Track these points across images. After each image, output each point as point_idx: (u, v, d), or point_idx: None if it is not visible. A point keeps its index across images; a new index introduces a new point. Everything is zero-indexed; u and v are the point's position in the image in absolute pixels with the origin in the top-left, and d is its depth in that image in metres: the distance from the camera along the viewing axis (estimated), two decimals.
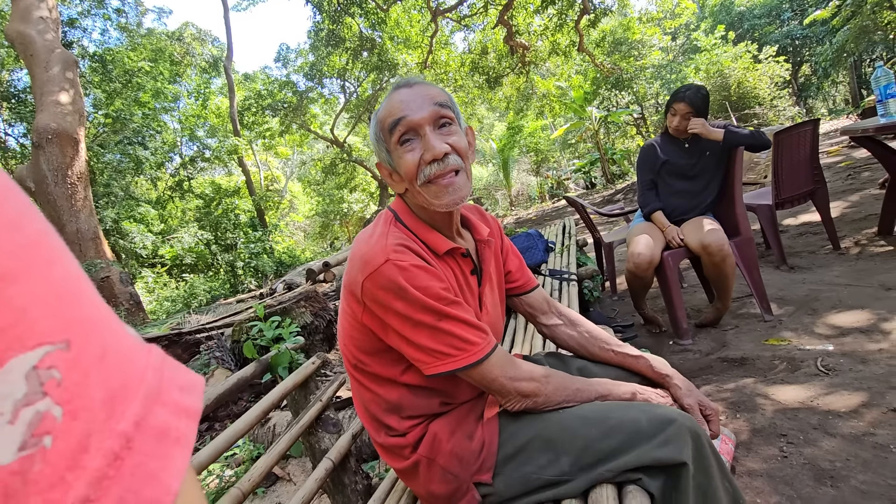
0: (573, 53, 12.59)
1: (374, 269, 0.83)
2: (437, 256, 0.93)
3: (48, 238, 0.16)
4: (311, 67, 14.53)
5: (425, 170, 0.88)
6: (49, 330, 0.14)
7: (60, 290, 0.15)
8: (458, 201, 0.89)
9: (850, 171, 5.46)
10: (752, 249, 2.54)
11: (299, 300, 3.64)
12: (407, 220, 0.95)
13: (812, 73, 17.78)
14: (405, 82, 0.92)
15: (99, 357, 0.15)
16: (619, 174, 14.72)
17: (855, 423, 1.58)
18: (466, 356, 0.84)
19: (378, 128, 0.93)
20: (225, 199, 14.49)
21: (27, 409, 0.12)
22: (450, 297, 0.85)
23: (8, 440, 0.12)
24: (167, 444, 0.16)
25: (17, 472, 0.12)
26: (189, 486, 0.18)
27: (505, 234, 1.19)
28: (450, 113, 0.90)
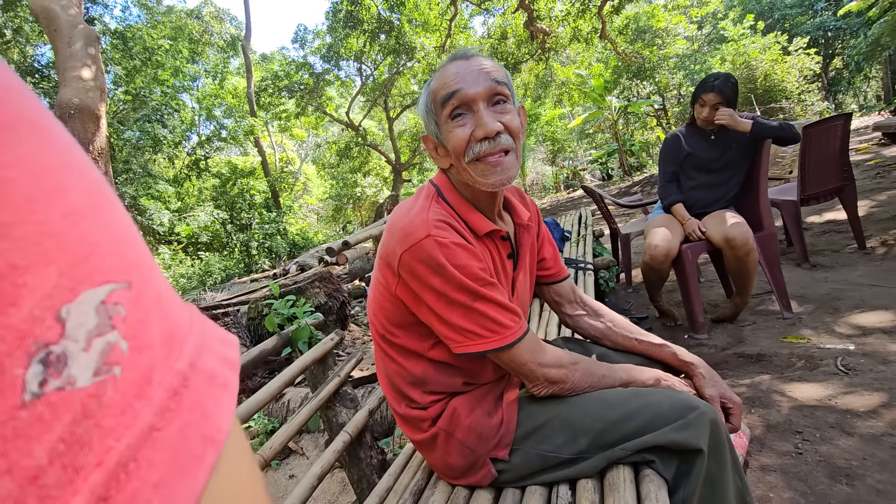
0: (595, 40, 12.32)
1: (415, 242, 0.83)
2: (476, 237, 0.92)
3: (106, 186, 0.17)
4: (328, 49, 14.44)
5: (475, 147, 0.86)
6: (114, 269, 0.14)
7: (122, 232, 0.16)
8: (504, 182, 0.88)
9: (880, 170, 5.30)
10: (774, 245, 2.49)
11: (313, 281, 3.68)
12: (450, 196, 0.94)
13: (844, 67, 17.19)
14: (462, 54, 0.90)
15: (155, 300, 0.16)
16: (636, 166, 14.49)
17: (874, 423, 1.56)
18: (498, 338, 0.84)
19: (429, 99, 0.91)
20: (240, 179, 14.62)
21: (99, 339, 0.13)
22: (486, 278, 0.85)
23: (84, 366, 0.13)
24: (217, 387, 0.17)
25: (94, 395, 0.13)
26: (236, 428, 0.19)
27: None
28: (506, 90, 0.87)
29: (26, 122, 0.14)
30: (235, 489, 0.18)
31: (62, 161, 0.14)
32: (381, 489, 1.08)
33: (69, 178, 0.14)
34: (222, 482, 0.17)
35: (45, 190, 0.13)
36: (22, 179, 0.13)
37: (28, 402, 0.11)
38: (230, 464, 0.18)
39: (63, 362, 0.12)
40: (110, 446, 0.13)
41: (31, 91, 0.15)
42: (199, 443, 0.15)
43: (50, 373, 0.12)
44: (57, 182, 0.14)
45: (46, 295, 0.12)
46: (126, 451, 0.13)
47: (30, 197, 0.13)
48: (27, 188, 0.13)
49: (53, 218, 0.13)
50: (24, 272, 0.12)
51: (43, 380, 0.12)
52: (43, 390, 0.12)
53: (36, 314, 0.12)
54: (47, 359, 0.12)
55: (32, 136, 0.14)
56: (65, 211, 0.14)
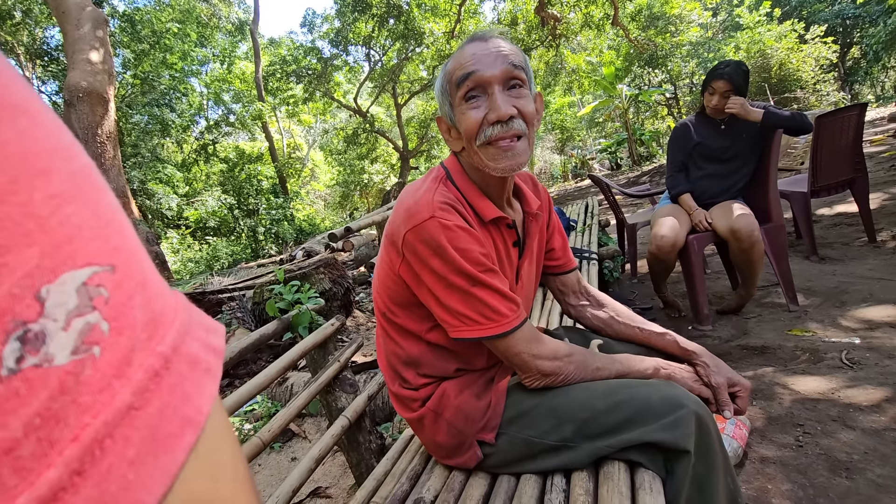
0: (607, 27, 12.11)
1: (418, 223, 0.83)
2: (481, 223, 0.92)
3: (94, 171, 0.17)
4: (336, 34, 14.31)
5: (487, 130, 0.85)
6: (97, 252, 0.15)
7: (107, 217, 0.16)
8: (514, 167, 0.87)
9: (894, 162, 5.20)
10: (782, 237, 2.46)
11: (318, 267, 3.69)
12: (458, 180, 0.93)
13: (861, 57, 16.78)
14: (480, 35, 0.88)
15: (140, 284, 0.16)
16: (646, 156, 14.31)
17: (876, 418, 1.54)
18: (494, 326, 0.83)
19: (445, 80, 0.90)
20: (248, 164, 14.64)
21: (78, 319, 0.14)
22: (487, 264, 0.84)
23: (62, 344, 0.13)
24: (199, 371, 0.18)
25: (71, 373, 0.13)
26: (218, 412, 0.20)
27: None
28: (522, 74, 0.86)
29: (11, 106, 0.14)
30: (215, 469, 0.18)
31: (47, 145, 0.14)
32: (379, 473, 1.09)
33: (54, 161, 0.14)
34: (202, 462, 0.17)
35: (28, 172, 0.13)
36: (5, 162, 0.13)
37: (4, 377, 0.12)
38: (211, 446, 0.18)
39: (41, 340, 0.13)
40: (87, 423, 0.13)
41: (19, 74, 0.16)
42: (179, 423, 0.16)
43: (27, 350, 0.12)
44: (41, 165, 0.14)
45: (26, 274, 0.13)
46: (102, 428, 0.13)
47: (13, 179, 0.13)
48: (10, 170, 0.13)
49: (37, 200, 0.13)
50: (5, 252, 0.12)
51: (20, 356, 0.12)
52: (20, 366, 0.12)
53: (15, 292, 0.12)
54: (25, 336, 0.12)
55: (17, 119, 0.14)
56: (49, 194, 0.14)
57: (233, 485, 0.20)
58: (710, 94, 2.40)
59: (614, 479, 0.80)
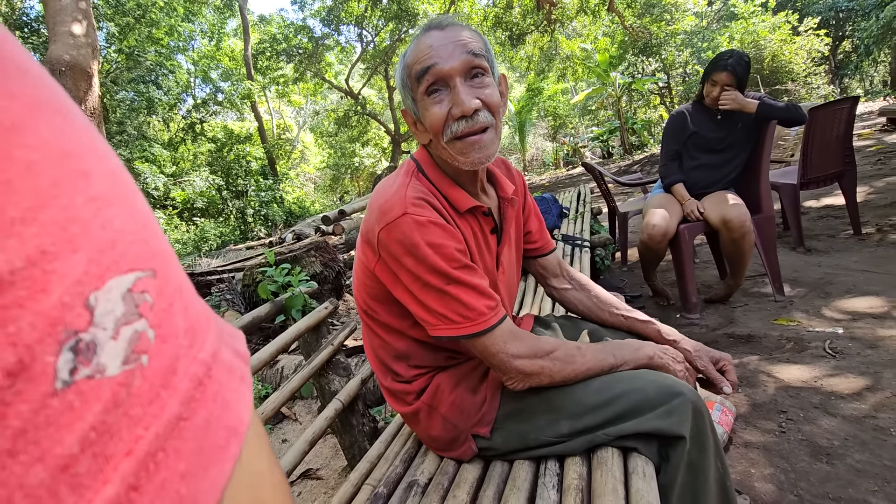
0: (602, 13, 12.01)
1: (391, 220, 0.81)
2: (457, 213, 0.90)
3: (126, 172, 0.16)
4: (328, 12, 13.99)
5: (452, 126, 0.82)
6: (139, 256, 0.14)
7: (143, 220, 0.15)
8: (484, 160, 0.85)
9: (881, 156, 5.27)
10: (771, 228, 2.49)
11: (309, 250, 3.66)
12: (430, 172, 0.91)
13: (853, 50, 16.87)
14: (437, 23, 0.85)
15: (178, 290, 0.16)
16: (637, 145, 14.32)
17: (857, 406, 1.59)
18: (470, 325, 0.81)
19: (405, 74, 0.86)
20: (237, 144, 14.38)
21: (126, 328, 0.13)
22: (463, 260, 0.82)
23: (113, 354, 0.13)
24: (236, 379, 0.17)
25: (123, 384, 0.13)
26: (255, 420, 0.19)
27: None
28: (484, 63, 0.83)
29: (47, 105, 0.14)
30: (256, 479, 0.18)
31: (84, 145, 0.14)
32: (373, 455, 1.10)
33: (92, 162, 0.14)
34: (244, 473, 0.17)
35: (69, 174, 0.13)
36: (47, 163, 0.12)
37: (59, 391, 0.11)
38: (251, 455, 0.18)
39: (92, 350, 0.12)
40: (139, 435, 0.13)
41: (49, 74, 0.15)
42: (224, 434, 0.16)
43: (80, 360, 0.12)
44: (81, 166, 0.14)
45: (76, 282, 0.12)
46: (154, 441, 0.13)
47: (55, 181, 0.12)
48: (52, 172, 0.13)
49: (78, 203, 0.13)
50: (53, 259, 0.12)
51: (73, 367, 0.12)
52: (73, 378, 0.12)
53: (66, 301, 0.12)
54: (77, 346, 0.12)
55: (55, 118, 0.14)
56: (89, 196, 0.13)
57: (273, 493, 0.20)
58: (711, 85, 2.39)
59: (608, 464, 0.81)
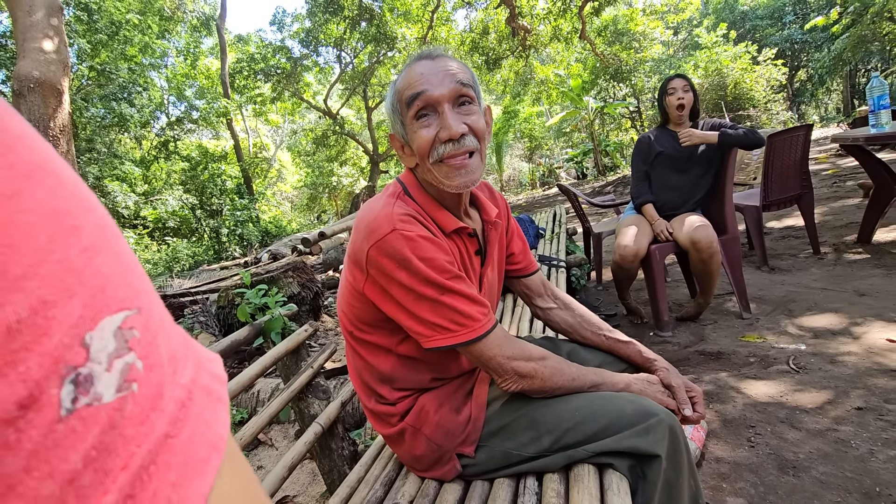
0: (574, 40, 12.47)
1: (381, 237, 0.82)
2: (444, 234, 0.93)
3: (110, 219, 0.18)
4: (307, 34, 14.11)
5: (439, 148, 0.86)
6: (126, 297, 0.16)
7: (127, 262, 0.18)
8: (469, 184, 0.88)
9: (836, 179, 5.58)
10: (737, 248, 2.60)
11: (286, 270, 3.63)
12: (416, 194, 0.94)
13: (808, 80, 17.94)
14: (427, 54, 0.89)
15: (160, 323, 0.18)
16: (610, 166, 14.77)
17: (820, 419, 1.66)
18: (466, 332, 0.84)
19: (395, 98, 0.90)
20: (212, 163, 14.18)
21: (118, 360, 0.15)
22: (454, 271, 0.85)
23: (108, 384, 0.15)
24: (214, 400, 0.20)
25: (117, 409, 0.15)
26: (230, 438, 0.21)
27: None
28: (471, 92, 0.87)
29: (39, 167, 0.15)
30: (236, 489, 0.21)
31: (73, 201, 0.16)
32: (353, 479, 1.09)
33: (82, 216, 0.16)
34: (225, 483, 0.19)
35: (63, 230, 0.15)
36: (42, 222, 0.14)
37: (63, 417, 0.13)
38: (230, 468, 0.20)
39: (90, 382, 0.14)
40: (133, 452, 0.15)
41: (37, 133, 0.17)
42: (206, 449, 0.18)
43: (80, 391, 0.14)
44: (72, 222, 0.15)
45: (73, 325, 0.14)
46: (147, 456, 0.15)
47: (51, 237, 0.14)
48: (48, 230, 0.14)
49: (73, 255, 0.15)
50: (53, 306, 0.14)
51: (74, 397, 0.14)
52: (75, 406, 0.14)
53: (65, 342, 0.14)
54: (77, 379, 0.14)
55: (47, 180, 0.15)
56: (81, 248, 0.15)
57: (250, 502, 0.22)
58: (670, 94, 2.51)
59: (584, 481, 0.83)
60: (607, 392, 0.94)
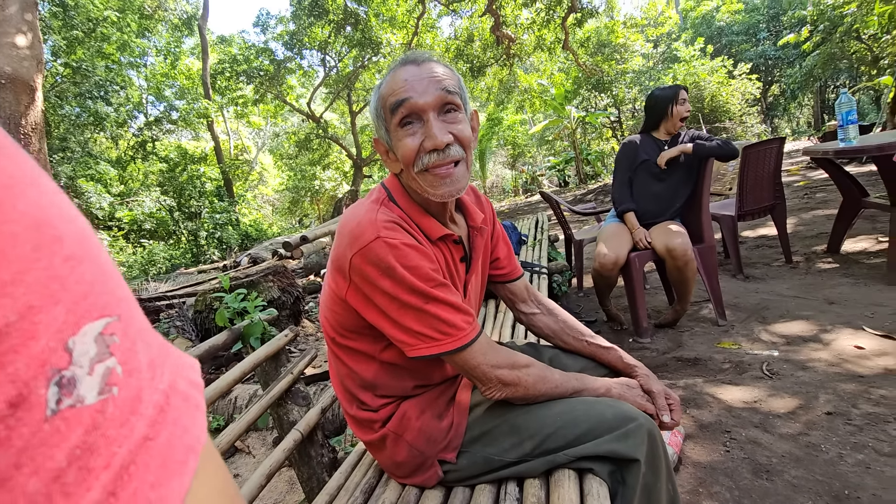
0: (557, 50, 12.66)
1: (364, 244, 0.81)
2: (429, 241, 0.92)
3: (90, 228, 0.19)
4: (291, 36, 14.00)
5: (424, 158, 0.85)
6: (106, 304, 0.17)
7: (108, 271, 0.18)
8: (454, 193, 0.87)
9: (807, 191, 5.77)
10: (713, 257, 2.66)
11: (266, 274, 3.58)
12: (401, 200, 0.93)
13: (781, 94, 18.55)
14: (413, 58, 0.87)
15: (139, 330, 0.19)
16: (592, 175, 14.98)
17: (792, 424, 1.70)
18: (451, 341, 0.83)
19: (379, 104, 0.88)
20: (191, 165, 13.92)
21: (100, 365, 0.16)
22: (438, 279, 0.84)
23: (90, 386, 0.15)
24: (191, 406, 0.20)
25: (99, 411, 0.16)
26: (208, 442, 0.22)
27: None
28: (457, 99, 0.86)
29: (21, 180, 0.16)
30: (213, 491, 0.21)
31: (55, 212, 0.17)
32: (332, 487, 1.08)
33: (63, 226, 0.17)
34: (202, 486, 0.20)
35: (47, 239, 0.16)
36: (27, 232, 0.15)
37: (49, 418, 0.14)
38: (207, 471, 0.21)
39: (73, 384, 0.15)
40: (115, 452, 0.16)
41: (18, 146, 0.17)
42: (183, 451, 0.19)
43: (63, 393, 0.15)
44: (54, 232, 0.16)
45: (57, 330, 0.15)
46: (127, 456, 0.16)
47: (36, 246, 0.15)
48: (32, 240, 0.15)
49: (56, 263, 0.16)
50: (39, 311, 0.14)
51: (59, 399, 0.14)
52: (59, 407, 0.14)
53: (51, 345, 0.15)
54: (61, 381, 0.15)
55: (29, 192, 0.16)
56: (65, 256, 0.16)
57: None
58: (681, 104, 2.53)
59: (564, 486, 0.84)
60: (588, 397, 0.95)
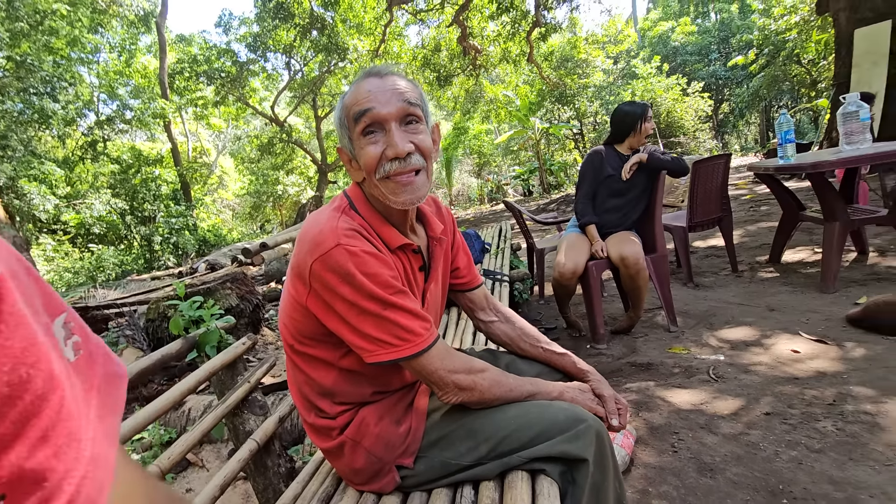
0: (522, 63, 12.97)
1: (324, 251, 0.83)
2: (389, 250, 0.94)
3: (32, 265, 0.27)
4: (254, 38, 13.70)
5: (386, 165, 0.87)
6: (59, 304, 0.25)
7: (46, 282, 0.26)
8: (414, 201, 0.90)
9: (752, 204, 6.13)
10: (665, 266, 2.79)
11: (225, 281, 3.48)
12: (362, 208, 0.94)
13: (730, 112, 19.66)
14: (376, 71, 0.91)
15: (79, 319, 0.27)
16: (555, 185, 15.37)
17: (734, 424, 1.80)
18: (409, 346, 0.85)
19: (343, 114, 0.91)
20: (145, 166, 13.34)
21: (70, 340, 0.25)
22: (397, 286, 0.86)
23: (70, 352, 0.24)
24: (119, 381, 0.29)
25: (76, 366, 0.24)
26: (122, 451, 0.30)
27: None
28: (419, 111, 0.89)
29: None
30: None
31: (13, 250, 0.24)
32: (289, 497, 1.06)
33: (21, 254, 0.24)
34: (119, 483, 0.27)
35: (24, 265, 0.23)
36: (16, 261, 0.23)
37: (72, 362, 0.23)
38: None
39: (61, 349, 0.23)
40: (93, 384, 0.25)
41: None
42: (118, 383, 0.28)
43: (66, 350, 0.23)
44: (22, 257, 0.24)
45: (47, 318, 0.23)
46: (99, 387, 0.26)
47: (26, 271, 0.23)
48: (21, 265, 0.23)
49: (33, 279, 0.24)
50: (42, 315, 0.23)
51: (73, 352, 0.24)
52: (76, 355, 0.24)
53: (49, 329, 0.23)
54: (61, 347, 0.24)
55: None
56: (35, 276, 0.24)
57: None
58: (649, 121, 2.64)
59: (517, 487, 0.87)
60: (543, 401, 0.98)
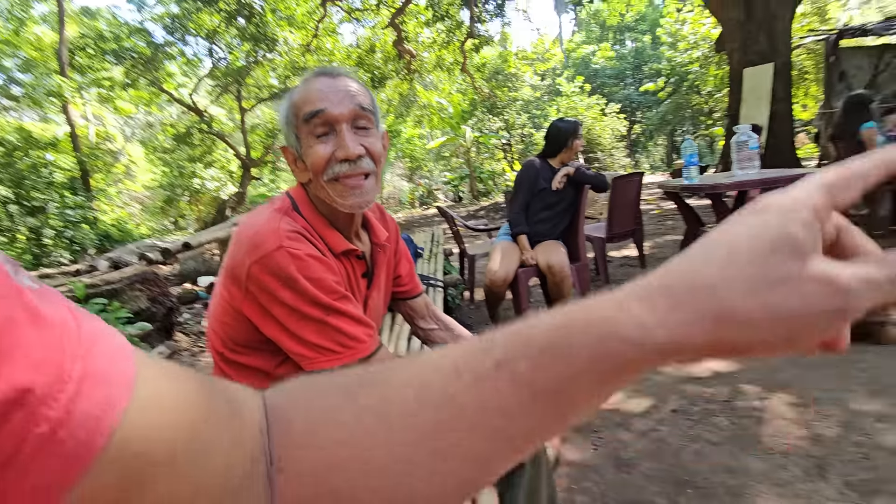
0: (456, 72, 13.24)
1: (265, 253, 0.79)
2: (332, 254, 0.91)
3: None
4: (173, 20, 12.73)
5: (335, 167, 0.85)
6: None
7: None
8: (363, 205, 0.89)
9: (660, 219, 6.72)
10: (587, 274, 2.99)
11: (133, 282, 3.19)
12: (305, 210, 0.91)
13: (642, 133, 21.46)
14: (328, 71, 0.89)
15: None
16: (484, 192, 15.81)
17: (646, 422, 1.97)
18: (352, 353, 0.83)
19: (291, 112, 0.88)
20: (35, 150, 11.82)
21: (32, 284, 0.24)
22: (340, 291, 0.84)
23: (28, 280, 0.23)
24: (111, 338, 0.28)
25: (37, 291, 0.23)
26: None
27: None
28: (370, 115, 0.88)
29: None
30: None
31: None
32: None
33: None
34: None
35: None
36: None
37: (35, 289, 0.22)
38: None
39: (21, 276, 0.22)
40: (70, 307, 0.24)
41: None
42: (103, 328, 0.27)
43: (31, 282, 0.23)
44: None
45: None
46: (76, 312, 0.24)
47: None
48: None
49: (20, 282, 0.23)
50: None
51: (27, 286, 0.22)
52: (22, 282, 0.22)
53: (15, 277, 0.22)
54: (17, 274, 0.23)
55: None
56: None
57: None
58: (580, 138, 2.82)
59: None
60: None
